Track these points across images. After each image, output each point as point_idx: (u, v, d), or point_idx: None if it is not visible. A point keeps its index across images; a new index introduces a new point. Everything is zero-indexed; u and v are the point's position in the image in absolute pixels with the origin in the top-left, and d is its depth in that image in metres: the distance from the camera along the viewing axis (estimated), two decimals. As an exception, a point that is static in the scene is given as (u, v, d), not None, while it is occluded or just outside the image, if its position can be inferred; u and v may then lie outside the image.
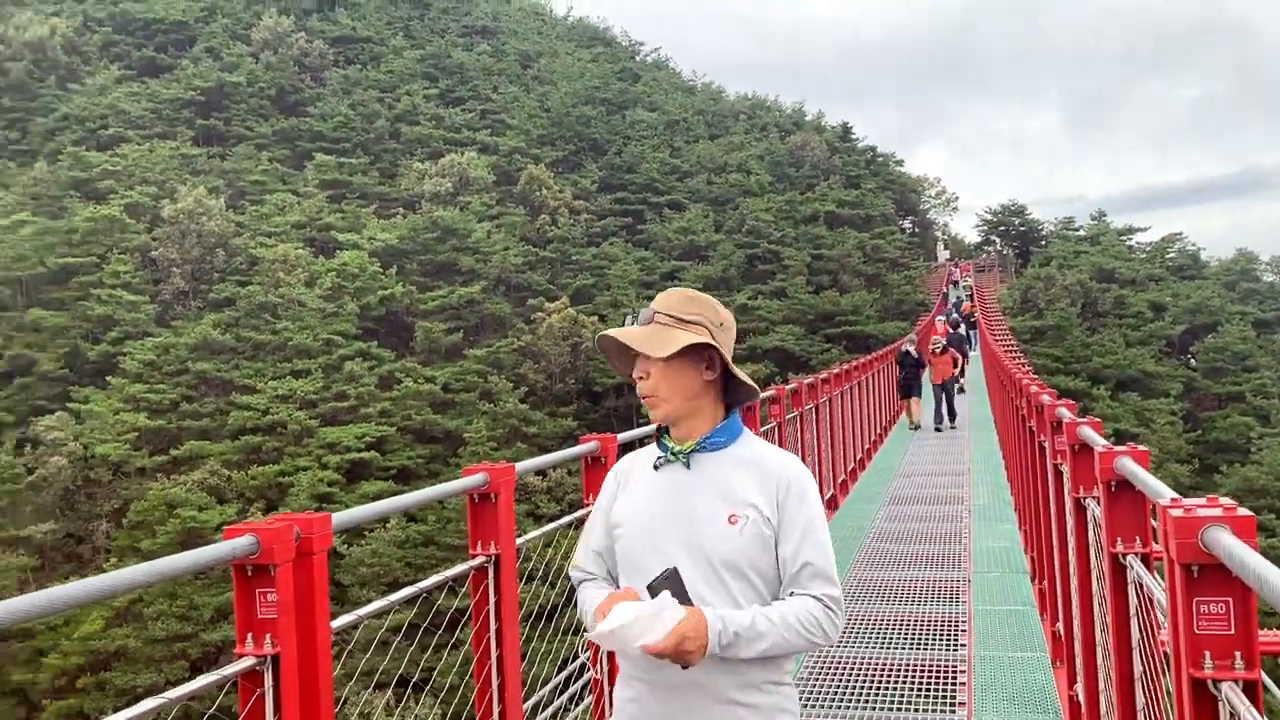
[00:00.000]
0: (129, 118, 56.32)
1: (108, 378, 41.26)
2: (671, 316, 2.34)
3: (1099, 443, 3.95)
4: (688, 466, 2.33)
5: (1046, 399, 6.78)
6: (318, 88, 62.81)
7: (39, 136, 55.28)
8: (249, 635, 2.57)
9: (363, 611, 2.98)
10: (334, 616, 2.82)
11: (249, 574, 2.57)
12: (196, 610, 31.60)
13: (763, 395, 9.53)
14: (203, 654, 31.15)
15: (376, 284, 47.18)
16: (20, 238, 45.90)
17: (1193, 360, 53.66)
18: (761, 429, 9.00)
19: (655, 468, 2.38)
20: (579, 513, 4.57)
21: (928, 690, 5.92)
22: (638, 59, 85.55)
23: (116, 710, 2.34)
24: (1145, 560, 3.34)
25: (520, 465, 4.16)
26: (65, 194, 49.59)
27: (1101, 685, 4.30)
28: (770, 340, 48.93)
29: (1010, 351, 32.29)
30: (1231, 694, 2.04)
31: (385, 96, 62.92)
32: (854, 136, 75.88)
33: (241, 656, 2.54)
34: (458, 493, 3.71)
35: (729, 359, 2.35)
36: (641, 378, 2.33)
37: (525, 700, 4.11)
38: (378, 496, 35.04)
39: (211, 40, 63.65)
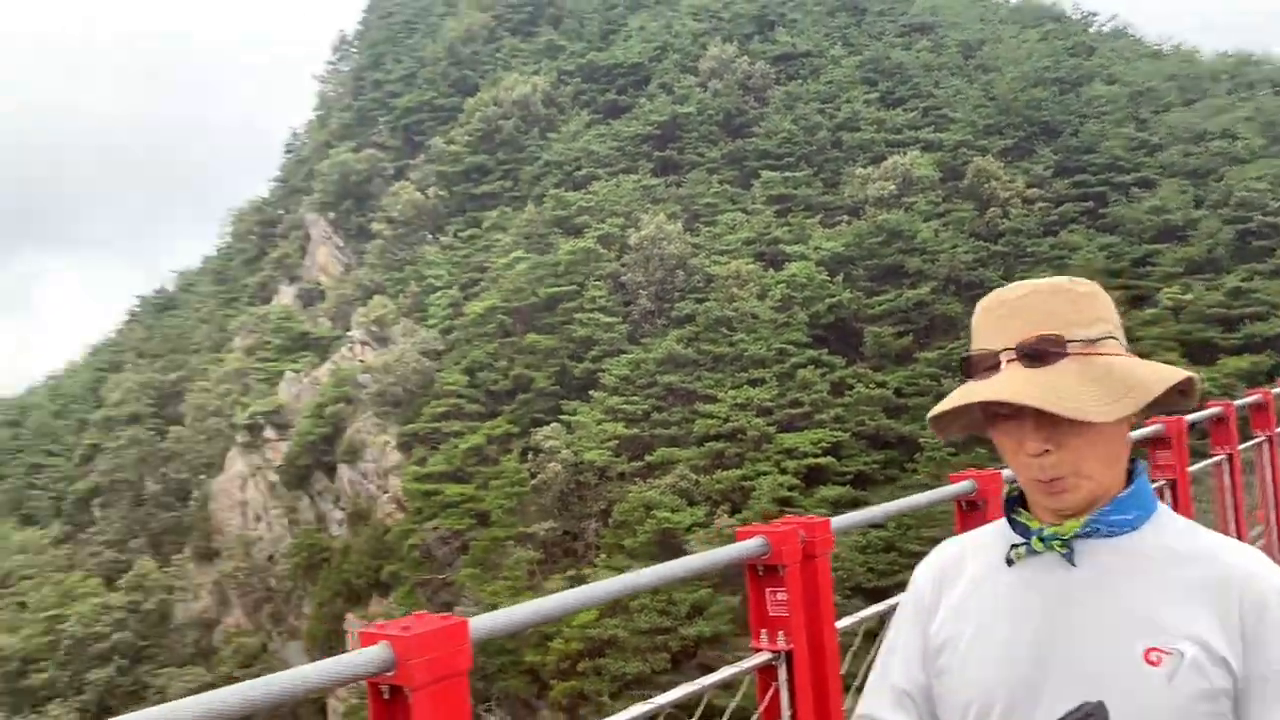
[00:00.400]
0: (597, 157, 62.44)
1: (590, 392, 46.00)
2: (1076, 340, 1.48)
3: None
4: (1071, 562, 1.50)
5: None
6: (761, 107, 65.21)
7: (527, 183, 63.08)
8: (763, 631, 2.73)
9: (865, 613, 3.06)
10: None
11: (760, 574, 2.74)
12: (675, 605, 34.01)
13: (1246, 400, 7.54)
14: (681, 647, 33.40)
15: (824, 292, 47.94)
16: (517, 273, 52.89)
17: None
18: (1251, 442, 7.36)
19: (1009, 562, 1.56)
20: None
21: None
22: (1091, 31, 78.93)
23: (613, 694, 2.61)
24: None
25: (1008, 473, 4.02)
26: (550, 231, 56.23)
27: None
28: (1272, 327, 42.59)
29: None
30: None
31: (826, 107, 63.79)
32: (1374, 80, 64.06)
33: (758, 651, 2.72)
34: (947, 499, 3.68)
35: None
36: (1045, 451, 1.47)
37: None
38: (836, 501, 35.62)
39: (664, 76, 68.59)
